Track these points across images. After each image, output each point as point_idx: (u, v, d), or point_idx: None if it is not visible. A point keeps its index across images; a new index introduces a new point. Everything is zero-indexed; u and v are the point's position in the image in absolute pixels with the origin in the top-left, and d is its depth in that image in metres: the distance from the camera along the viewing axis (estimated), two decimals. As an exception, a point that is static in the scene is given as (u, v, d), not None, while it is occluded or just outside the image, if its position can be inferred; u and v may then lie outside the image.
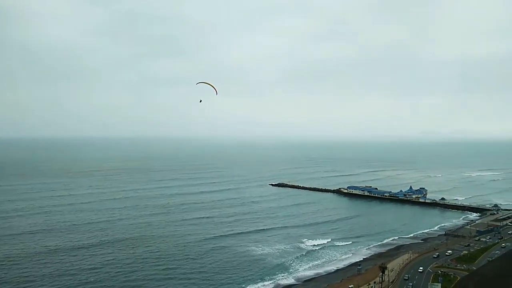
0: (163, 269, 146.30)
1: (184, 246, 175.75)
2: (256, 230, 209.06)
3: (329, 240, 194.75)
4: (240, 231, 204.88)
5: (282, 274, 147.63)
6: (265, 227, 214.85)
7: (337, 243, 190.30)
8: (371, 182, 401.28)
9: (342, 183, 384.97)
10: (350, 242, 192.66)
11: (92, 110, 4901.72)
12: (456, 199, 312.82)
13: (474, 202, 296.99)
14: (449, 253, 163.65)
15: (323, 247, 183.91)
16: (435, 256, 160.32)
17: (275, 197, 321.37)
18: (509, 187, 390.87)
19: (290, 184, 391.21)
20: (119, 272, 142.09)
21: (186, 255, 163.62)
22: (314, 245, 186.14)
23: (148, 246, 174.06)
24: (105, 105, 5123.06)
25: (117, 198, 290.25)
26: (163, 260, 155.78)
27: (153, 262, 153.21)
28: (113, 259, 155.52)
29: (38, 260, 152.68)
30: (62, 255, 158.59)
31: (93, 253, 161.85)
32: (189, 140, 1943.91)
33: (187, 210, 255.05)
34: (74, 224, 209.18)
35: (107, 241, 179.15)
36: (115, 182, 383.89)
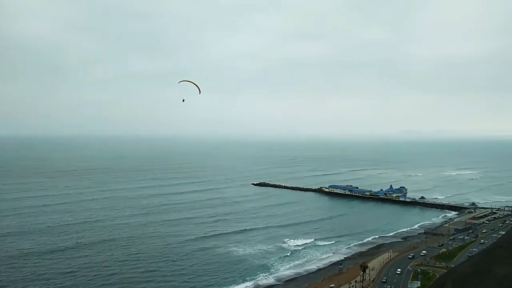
0: (142, 272, 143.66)
1: (164, 247, 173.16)
2: (237, 230, 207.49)
3: (311, 239, 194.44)
4: (222, 232, 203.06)
5: (264, 274, 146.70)
6: (246, 228, 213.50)
7: (319, 243, 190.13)
8: (352, 181, 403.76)
9: (324, 182, 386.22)
10: (331, 242, 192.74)
11: (66, 108, 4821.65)
12: (436, 198, 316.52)
13: (453, 201, 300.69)
14: (424, 253, 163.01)
15: (305, 246, 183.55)
16: (410, 257, 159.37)
17: (257, 196, 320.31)
18: (487, 186, 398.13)
19: (271, 183, 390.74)
20: (96, 275, 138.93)
21: (166, 257, 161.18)
22: (296, 245, 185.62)
23: (126, 248, 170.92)
24: (79, 103, 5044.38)
25: (95, 199, 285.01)
26: (142, 263, 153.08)
27: (132, 265, 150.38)
28: (90, 262, 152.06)
29: (11, 264, 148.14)
30: (36, 259, 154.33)
31: (69, 256, 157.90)
32: (168, 138, 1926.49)
33: (167, 211, 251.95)
34: (49, 226, 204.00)
35: (83, 244, 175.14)
36: (92, 182, 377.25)
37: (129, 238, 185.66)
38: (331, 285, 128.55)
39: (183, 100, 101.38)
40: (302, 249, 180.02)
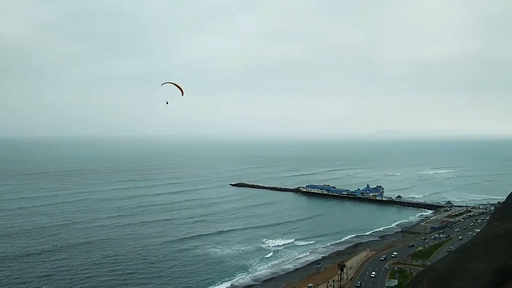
0: (120, 274, 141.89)
1: (142, 249, 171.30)
2: (216, 231, 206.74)
3: (289, 239, 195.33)
4: (200, 233, 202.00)
5: (242, 275, 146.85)
6: (225, 229, 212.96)
7: (297, 243, 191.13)
8: (330, 181, 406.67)
9: (302, 182, 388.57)
10: (309, 241, 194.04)
11: (40, 109, 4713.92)
12: (413, 197, 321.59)
13: (430, 200, 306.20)
14: (395, 254, 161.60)
15: (283, 246, 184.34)
16: (382, 259, 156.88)
17: (235, 197, 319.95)
18: (462, 185, 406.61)
19: (249, 183, 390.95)
20: (73, 278, 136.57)
21: (144, 259, 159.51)
22: (274, 245, 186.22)
23: (104, 250, 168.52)
24: (53, 104, 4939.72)
25: (71, 201, 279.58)
26: (120, 265, 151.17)
27: (109, 267, 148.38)
28: (67, 265, 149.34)
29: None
30: (11, 262, 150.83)
31: (45, 260, 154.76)
32: (144, 140, 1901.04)
33: (144, 213, 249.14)
34: (24, 229, 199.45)
35: (60, 246, 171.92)
36: (68, 184, 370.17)
37: (106, 240, 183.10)
38: (309, 285, 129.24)
39: (167, 103, 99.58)
40: (280, 249, 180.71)
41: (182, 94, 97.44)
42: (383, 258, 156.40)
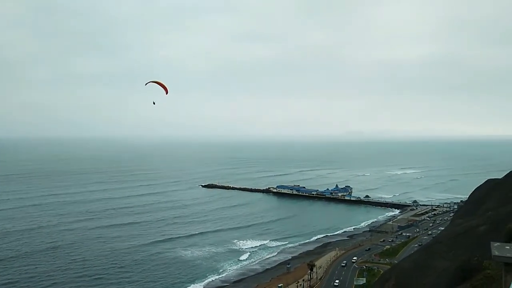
0: (88, 280, 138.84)
1: (111, 253, 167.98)
2: (187, 234, 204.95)
3: (259, 240, 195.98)
4: (171, 236, 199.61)
5: (212, 276, 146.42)
6: (196, 231, 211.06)
7: (267, 243, 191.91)
8: (301, 181, 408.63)
9: (272, 183, 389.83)
10: (279, 242, 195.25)
11: (4, 109, 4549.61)
12: (381, 197, 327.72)
13: (398, 200, 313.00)
14: (354, 259, 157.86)
15: (253, 247, 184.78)
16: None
17: (206, 199, 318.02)
18: (429, 184, 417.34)
19: (220, 185, 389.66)
20: (38, 285, 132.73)
21: (113, 263, 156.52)
22: (245, 246, 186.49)
23: (71, 255, 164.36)
24: (18, 104, 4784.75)
25: (36, 204, 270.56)
26: (88, 270, 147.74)
27: (76, 273, 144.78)
28: (31, 271, 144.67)
29: None
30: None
31: (8, 266, 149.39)
32: (113, 140, 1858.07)
33: (113, 216, 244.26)
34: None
35: (24, 252, 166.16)
36: (32, 186, 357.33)
37: (73, 245, 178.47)
38: (279, 285, 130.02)
39: (154, 103, 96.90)
40: (250, 250, 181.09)
41: (166, 93, 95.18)
42: (343, 265, 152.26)
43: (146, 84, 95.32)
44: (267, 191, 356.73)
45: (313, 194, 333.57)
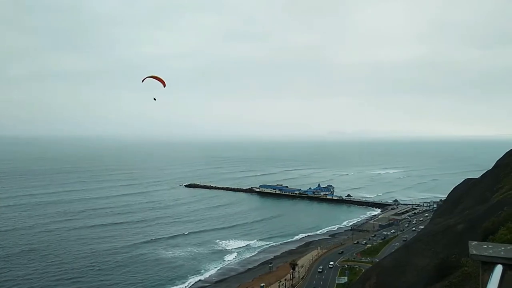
0: (65, 284, 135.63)
1: (90, 255, 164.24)
2: (168, 234, 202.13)
3: (242, 240, 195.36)
4: (151, 237, 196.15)
5: (194, 277, 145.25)
6: (177, 232, 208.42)
7: (249, 243, 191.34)
8: (284, 181, 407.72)
9: (256, 183, 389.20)
10: (262, 241, 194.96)
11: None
12: (363, 196, 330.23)
13: (380, 199, 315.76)
14: (331, 264, 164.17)
15: (235, 247, 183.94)
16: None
17: (188, 199, 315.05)
18: (410, 184, 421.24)
19: (203, 184, 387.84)
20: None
21: (91, 265, 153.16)
22: (227, 246, 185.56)
23: (47, 257, 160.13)
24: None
25: (10, 205, 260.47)
26: (65, 274, 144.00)
27: (54, 276, 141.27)
28: (4, 276, 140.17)
29: None
30: None
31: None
32: (91, 139, 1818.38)
33: (92, 217, 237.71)
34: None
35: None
36: (6, 186, 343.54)
37: (50, 247, 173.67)
38: (261, 284, 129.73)
39: (154, 99, 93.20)
40: (232, 250, 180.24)
41: (164, 86, 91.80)
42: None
43: (142, 81, 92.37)
44: (250, 191, 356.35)
45: (295, 194, 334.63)
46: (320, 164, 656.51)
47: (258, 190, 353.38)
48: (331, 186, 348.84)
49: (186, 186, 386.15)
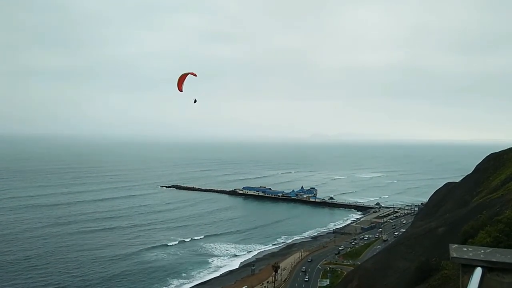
0: None
1: (71, 263, 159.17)
2: (149, 239, 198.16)
3: (224, 242, 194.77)
4: (131, 242, 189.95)
5: (175, 280, 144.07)
6: (159, 235, 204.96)
7: (232, 245, 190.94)
8: (267, 183, 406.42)
9: (240, 184, 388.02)
10: (244, 243, 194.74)
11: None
12: (346, 199, 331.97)
13: (362, 202, 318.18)
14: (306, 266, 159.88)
15: (217, 249, 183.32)
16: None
17: (171, 201, 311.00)
18: (393, 187, 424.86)
19: (185, 186, 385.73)
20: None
21: (69, 273, 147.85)
22: (209, 248, 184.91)
23: (27, 265, 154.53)
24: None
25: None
26: (47, 281, 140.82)
27: (35, 284, 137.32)
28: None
29: None
30: None
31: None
32: (70, 139, 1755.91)
33: (66, 223, 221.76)
34: None
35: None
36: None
37: (30, 254, 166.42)
38: (244, 287, 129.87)
39: (195, 101, 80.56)
40: (215, 252, 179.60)
41: (195, 75, 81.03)
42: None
43: (181, 90, 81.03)
44: (233, 193, 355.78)
45: (279, 196, 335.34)
46: (302, 167, 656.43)
47: (241, 192, 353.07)
48: (314, 188, 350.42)
49: (168, 187, 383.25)
